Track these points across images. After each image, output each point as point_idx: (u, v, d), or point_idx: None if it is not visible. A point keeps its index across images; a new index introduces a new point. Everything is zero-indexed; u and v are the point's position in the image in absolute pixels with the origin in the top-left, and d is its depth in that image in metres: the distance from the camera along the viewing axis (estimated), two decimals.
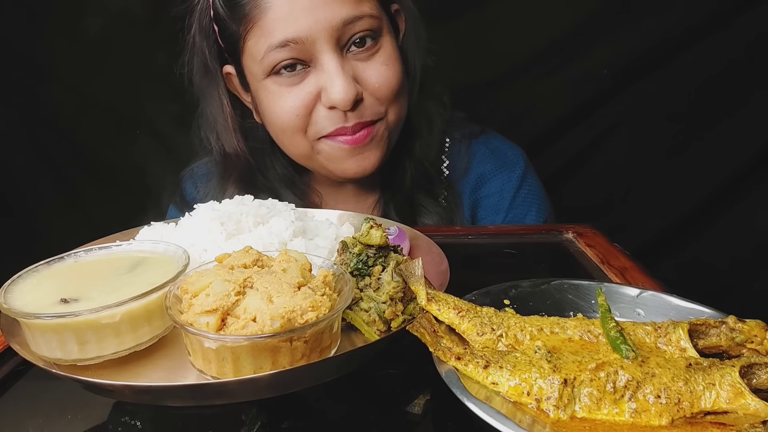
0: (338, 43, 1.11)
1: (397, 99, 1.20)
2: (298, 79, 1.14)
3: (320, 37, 1.09)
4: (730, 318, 0.68)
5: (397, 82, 1.18)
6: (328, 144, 1.19)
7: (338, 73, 1.10)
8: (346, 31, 1.11)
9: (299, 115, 1.15)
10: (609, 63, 1.73)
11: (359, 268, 0.75)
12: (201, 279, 0.66)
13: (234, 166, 1.31)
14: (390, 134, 1.23)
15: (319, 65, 1.12)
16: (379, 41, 1.16)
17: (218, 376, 0.62)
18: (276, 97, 1.17)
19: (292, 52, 1.10)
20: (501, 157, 1.41)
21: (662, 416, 0.56)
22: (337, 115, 1.14)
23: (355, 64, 1.14)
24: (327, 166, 1.24)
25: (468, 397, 0.57)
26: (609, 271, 1.01)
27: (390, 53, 1.17)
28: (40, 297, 0.69)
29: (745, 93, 1.71)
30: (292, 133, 1.19)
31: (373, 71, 1.15)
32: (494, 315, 0.70)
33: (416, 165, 1.33)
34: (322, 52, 1.10)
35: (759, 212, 1.77)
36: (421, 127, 1.33)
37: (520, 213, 1.38)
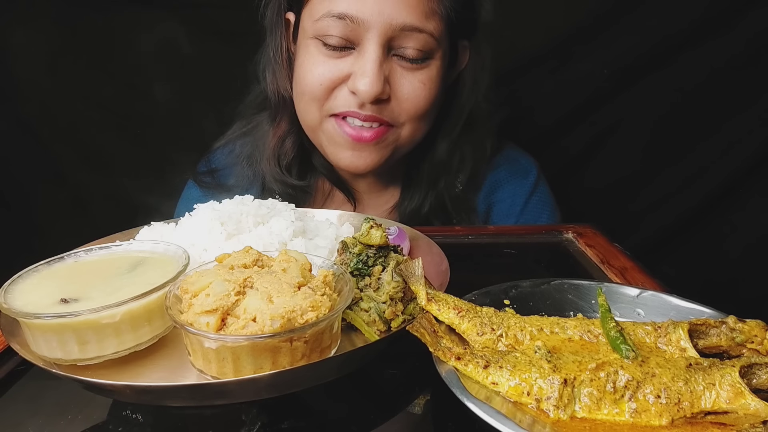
0: (389, 41, 1.12)
1: (419, 119, 1.21)
2: (338, 55, 1.15)
3: (375, 28, 1.10)
4: (730, 318, 0.68)
5: (425, 104, 1.19)
6: (333, 126, 1.20)
7: (373, 66, 1.11)
8: (401, 36, 1.12)
9: (323, 85, 1.17)
10: (609, 63, 1.73)
11: (359, 268, 0.75)
12: (201, 279, 0.66)
13: (285, 108, 1.32)
14: (398, 146, 1.24)
15: (362, 51, 1.13)
16: (428, 62, 1.17)
17: (218, 376, 0.62)
18: (311, 60, 1.18)
19: (345, 28, 1.11)
20: (514, 164, 1.44)
21: (662, 416, 0.57)
22: (355, 100, 1.15)
23: (395, 68, 1.15)
24: (325, 147, 1.25)
25: (468, 397, 0.57)
26: (609, 271, 1.01)
27: (433, 77, 1.18)
28: (40, 297, 0.69)
29: (745, 93, 1.71)
30: (310, 100, 1.20)
31: (409, 83, 1.16)
32: (494, 315, 0.70)
33: (437, 198, 1.35)
34: (369, 41, 1.11)
35: (759, 212, 1.76)
36: (452, 165, 1.34)
37: (530, 219, 1.41)
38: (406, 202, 1.35)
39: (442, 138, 1.32)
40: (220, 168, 1.43)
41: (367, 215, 0.90)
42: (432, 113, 1.23)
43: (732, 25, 1.65)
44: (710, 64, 1.70)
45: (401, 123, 1.20)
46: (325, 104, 1.19)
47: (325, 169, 1.36)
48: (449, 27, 1.18)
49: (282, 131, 1.34)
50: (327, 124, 1.21)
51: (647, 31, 1.69)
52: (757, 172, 1.75)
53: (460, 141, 1.33)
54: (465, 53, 1.29)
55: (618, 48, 1.72)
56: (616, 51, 1.72)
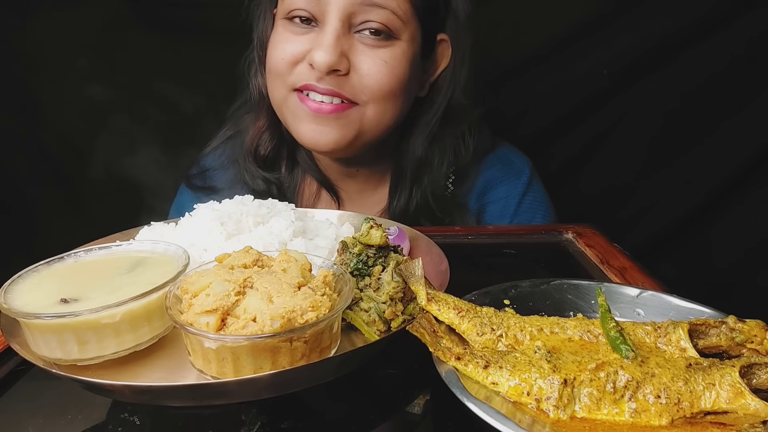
0: (349, 18, 1.13)
1: (384, 100, 1.19)
2: (302, 31, 1.17)
3: (334, 2, 1.11)
4: (730, 318, 0.68)
5: (388, 81, 1.17)
6: (295, 100, 1.21)
7: (330, 39, 1.12)
8: (361, 11, 1.12)
9: (285, 60, 1.19)
10: (609, 63, 1.73)
11: (359, 268, 0.75)
12: (201, 279, 0.66)
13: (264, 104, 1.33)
14: (363, 127, 1.22)
15: (322, 27, 1.14)
16: (392, 41, 1.17)
17: (218, 376, 0.62)
18: (279, 39, 1.21)
19: (308, 3, 1.14)
20: (507, 164, 1.43)
21: (662, 416, 0.57)
22: (313, 74, 1.16)
23: (357, 45, 1.16)
24: (289, 123, 1.25)
25: (468, 397, 0.57)
26: (609, 271, 1.01)
27: (396, 56, 1.17)
28: (40, 297, 0.69)
29: (745, 93, 1.71)
30: (275, 76, 1.22)
31: (369, 59, 1.16)
32: (494, 315, 0.70)
33: (422, 196, 1.34)
34: (329, 15, 1.13)
35: (759, 212, 1.76)
36: (434, 159, 1.33)
37: (525, 219, 1.40)
38: (395, 202, 1.35)
39: (420, 131, 1.31)
40: (209, 169, 1.44)
41: (367, 216, 0.90)
42: (400, 97, 1.21)
43: (732, 25, 1.66)
44: (710, 64, 1.70)
45: (364, 101, 1.19)
46: (287, 79, 1.20)
47: (310, 168, 1.37)
48: (418, 11, 1.17)
49: (261, 125, 1.35)
50: (290, 99, 1.22)
51: (647, 31, 1.69)
52: (756, 172, 1.75)
53: (439, 136, 1.32)
54: (445, 47, 1.28)
55: (618, 48, 1.72)
56: (616, 51, 1.72)
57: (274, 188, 1.36)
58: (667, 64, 1.71)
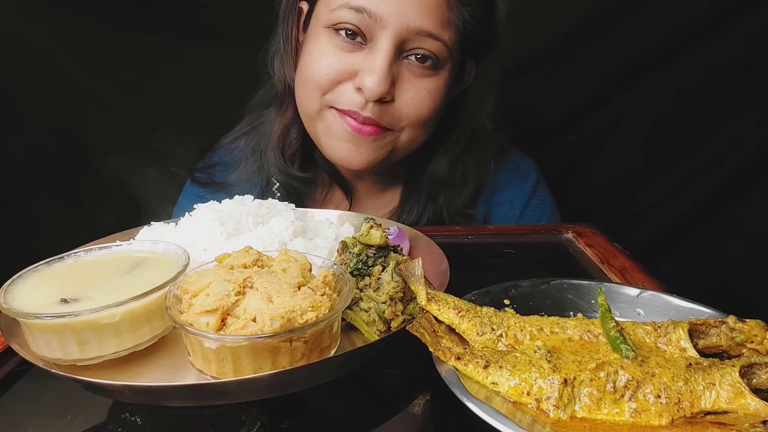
0: (403, 43, 1.12)
1: (419, 127, 1.20)
2: (349, 48, 1.14)
3: (391, 26, 1.09)
4: (730, 318, 0.68)
5: (428, 113, 1.18)
6: (335, 117, 1.19)
7: (383, 64, 1.10)
8: (414, 40, 1.11)
9: (329, 75, 1.15)
10: (609, 63, 1.73)
11: (359, 268, 0.75)
12: (201, 279, 0.66)
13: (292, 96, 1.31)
14: (395, 149, 1.23)
15: (374, 48, 1.12)
16: (438, 71, 1.17)
17: (218, 376, 0.62)
18: (321, 50, 1.17)
19: (361, 21, 1.11)
20: (514, 167, 1.44)
21: (662, 416, 0.56)
22: (359, 99, 1.14)
23: (404, 72, 1.15)
24: (321, 138, 1.23)
25: (468, 397, 0.57)
26: (609, 271, 1.01)
27: (439, 87, 1.18)
28: (40, 297, 0.69)
29: (745, 93, 1.71)
30: (313, 88, 1.19)
31: (415, 89, 1.15)
32: (494, 315, 0.70)
33: (435, 210, 1.35)
34: (382, 39, 1.10)
35: (758, 211, 1.77)
36: (455, 181, 1.34)
37: (530, 222, 1.40)
38: (405, 215, 1.35)
39: (443, 154, 1.32)
40: (220, 164, 1.42)
41: (367, 215, 0.90)
42: (433, 123, 1.23)
43: (732, 25, 1.66)
44: (710, 63, 1.70)
45: (400, 128, 1.19)
46: (328, 95, 1.18)
47: (327, 165, 1.35)
48: (462, 41, 1.17)
49: (287, 120, 1.33)
50: (327, 113, 1.20)
51: (647, 30, 1.69)
52: (757, 172, 1.75)
53: (463, 158, 1.33)
54: (471, 71, 1.29)
55: (618, 48, 1.72)
56: (616, 51, 1.72)
57: (299, 183, 1.35)
58: (666, 65, 1.72)
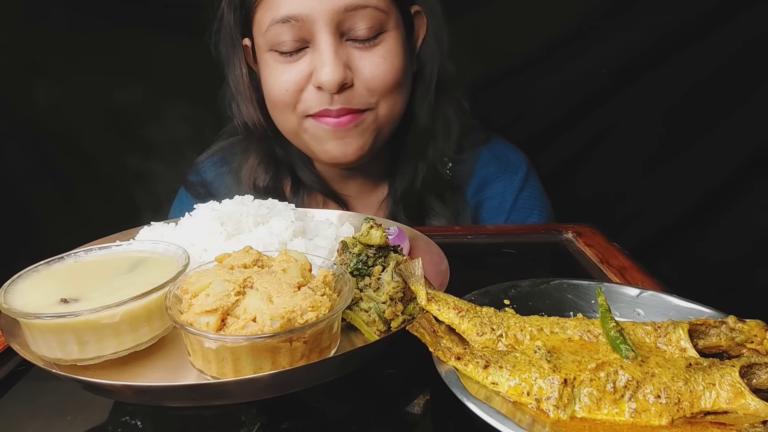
0: (338, 27, 1.13)
1: (392, 94, 1.20)
2: (295, 58, 1.17)
3: (320, 18, 1.11)
4: (730, 318, 0.68)
5: (392, 77, 1.18)
6: (313, 123, 1.21)
7: (330, 55, 1.12)
8: (347, 18, 1.12)
9: (289, 91, 1.18)
10: (608, 63, 1.73)
11: (359, 268, 0.75)
12: (201, 279, 0.66)
13: (253, 137, 1.34)
14: (380, 126, 1.23)
15: (315, 46, 1.14)
16: (382, 35, 1.17)
17: (218, 377, 0.62)
18: (273, 72, 1.20)
19: (293, 29, 1.13)
20: (504, 160, 1.43)
21: (662, 416, 0.56)
22: (324, 96, 1.16)
23: (352, 51, 1.16)
24: (311, 146, 1.26)
25: (468, 397, 0.57)
26: (608, 270, 1.01)
27: (391, 48, 1.18)
28: (40, 297, 0.69)
29: (744, 92, 1.71)
30: (283, 108, 1.22)
31: (369, 62, 1.16)
32: (494, 315, 0.70)
33: (429, 168, 1.34)
34: (320, 33, 1.12)
35: (758, 211, 1.76)
36: (437, 131, 1.34)
37: (521, 216, 1.40)
38: (397, 182, 1.35)
39: (419, 105, 1.31)
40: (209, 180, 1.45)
41: (367, 215, 0.90)
42: (404, 85, 1.23)
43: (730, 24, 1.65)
44: (709, 63, 1.70)
45: (374, 103, 1.20)
46: (298, 107, 1.20)
47: (314, 183, 1.37)
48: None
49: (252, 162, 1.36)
50: (306, 124, 1.22)
51: (646, 30, 1.69)
52: (755, 171, 1.75)
53: (438, 105, 1.32)
54: (420, 19, 1.28)
55: (617, 47, 1.72)
56: (615, 50, 1.72)
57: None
58: (665, 64, 1.71)
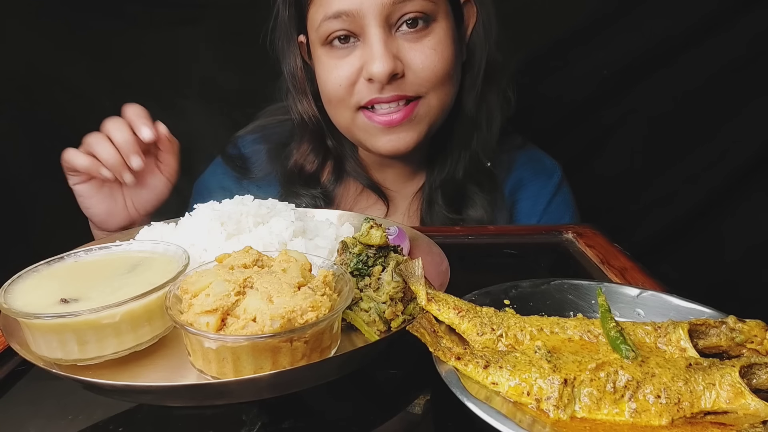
0: (387, 20, 1.14)
1: (443, 84, 1.21)
2: (347, 53, 1.19)
3: (370, 12, 1.12)
4: (730, 318, 0.68)
5: (442, 67, 1.19)
6: (364, 120, 1.23)
7: (379, 48, 1.13)
8: (396, 10, 1.13)
9: (342, 86, 1.20)
10: (609, 63, 1.73)
11: (359, 268, 0.75)
12: (201, 279, 0.66)
13: (308, 128, 1.37)
14: (431, 117, 1.24)
15: (366, 39, 1.16)
16: (431, 25, 1.18)
17: (218, 376, 0.62)
18: (326, 67, 1.22)
19: (344, 23, 1.15)
20: (539, 164, 1.46)
21: (662, 416, 0.56)
22: (374, 86, 1.17)
23: (402, 43, 1.17)
24: (363, 140, 1.28)
25: (468, 397, 0.57)
26: (609, 271, 1.01)
27: (441, 39, 1.19)
28: (40, 297, 0.69)
29: (745, 93, 1.71)
30: (336, 103, 1.24)
31: (419, 53, 1.17)
32: (494, 315, 0.70)
33: (471, 157, 1.35)
34: (369, 27, 1.14)
35: (759, 211, 1.76)
36: (482, 121, 1.34)
37: (553, 218, 1.41)
38: (437, 171, 1.36)
39: (467, 94, 1.32)
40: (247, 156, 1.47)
41: (367, 216, 0.90)
42: (454, 75, 1.24)
43: (732, 25, 1.65)
44: (711, 64, 1.70)
45: (425, 92, 1.21)
46: (350, 100, 1.22)
47: (357, 173, 1.40)
48: None
49: (304, 149, 1.40)
50: (358, 119, 1.24)
51: (648, 31, 1.69)
52: (757, 172, 1.75)
53: (484, 94, 1.33)
54: (470, 7, 1.29)
55: (618, 48, 1.72)
56: (617, 51, 1.72)
57: (320, 201, 1.39)
58: (667, 65, 1.71)
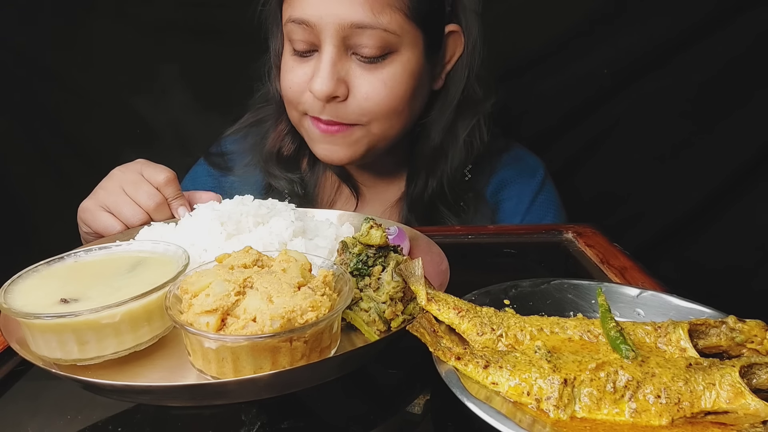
0: (344, 41, 1.13)
1: (387, 118, 1.19)
2: (305, 59, 1.19)
3: (327, 29, 1.11)
4: (730, 318, 0.68)
5: (388, 104, 1.17)
6: (309, 123, 1.24)
7: (326, 66, 1.13)
8: (354, 34, 1.11)
9: (292, 89, 1.22)
10: (609, 63, 1.73)
11: (359, 268, 0.75)
12: (201, 279, 0.66)
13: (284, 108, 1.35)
14: (370, 142, 1.23)
15: (320, 54, 1.15)
16: (390, 56, 1.15)
17: (218, 376, 0.62)
18: (286, 65, 1.24)
19: (304, 32, 1.14)
20: (522, 164, 1.45)
21: (662, 416, 0.56)
22: (317, 103, 1.18)
23: (354, 68, 1.15)
24: (307, 141, 1.30)
25: (468, 397, 0.57)
26: (609, 271, 1.01)
27: (395, 73, 1.16)
28: (40, 297, 0.69)
29: (745, 93, 1.71)
30: (288, 102, 1.26)
31: (367, 83, 1.15)
32: (494, 315, 0.70)
33: (438, 184, 1.34)
34: (325, 42, 1.13)
35: (759, 212, 1.76)
36: (449, 151, 1.33)
37: (536, 218, 1.41)
38: (411, 188, 1.37)
39: (434, 124, 1.31)
40: (229, 153, 1.48)
41: (366, 215, 0.90)
42: (405, 110, 1.22)
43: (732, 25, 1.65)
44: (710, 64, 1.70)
45: (365, 122, 1.19)
46: (298, 106, 1.23)
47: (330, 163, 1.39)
48: (416, 17, 1.15)
49: (282, 128, 1.39)
50: (304, 121, 1.25)
51: (648, 31, 1.69)
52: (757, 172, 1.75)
53: (453, 128, 1.32)
54: (456, 37, 1.26)
55: (618, 48, 1.72)
56: (617, 51, 1.72)
57: (297, 186, 1.39)
58: (667, 65, 1.71)
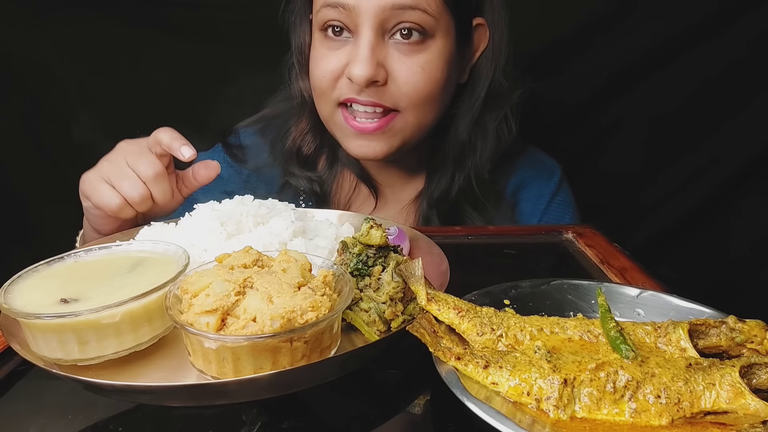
0: (382, 24, 1.12)
1: (424, 104, 1.20)
2: (339, 45, 1.18)
3: (365, 12, 1.11)
4: (730, 318, 0.68)
5: (425, 88, 1.17)
6: (341, 118, 1.23)
7: (365, 50, 1.12)
8: (392, 16, 1.11)
9: (326, 78, 1.19)
10: (609, 63, 1.73)
11: (359, 268, 0.75)
12: (201, 279, 0.66)
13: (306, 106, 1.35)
14: (406, 133, 1.23)
15: (357, 38, 1.14)
16: (427, 41, 1.15)
17: (218, 377, 0.62)
18: (317, 54, 1.22)
19: (340, 15, 1.13)
20: (540, 165, 1.46)
21: (662, 416, 0.57)
22: (353, 87, 1.16)
23: (392, 52, 1.15)
24: (338, 137, 1.28)
25: (468, 397, 0.57)
26: (609, 271, 1.01)
27: (432, 58, 1.16)
28: (40, 297, 0.69)
29: (746, 94, 1.71)
30: (320, 94, 1.24)
31: (406, 67, 1.15)
32: (494, 315, 0.70)
33: (465, 180, 1.34)
34: (363, 27, 1.12)
35: (759, 212, 1.76)
36: (477, 143, 1.32)
37: (553, 218, 1.41)
38: (433, 186, 1.35)
39: (462, 117, 1.31)
40: (246, 146, 1.47)
41: (366, 216, 0.90)
42: (439, 98, 1.22)
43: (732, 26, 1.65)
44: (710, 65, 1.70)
45: (403, 107, 1.19)
46: (331, 95, 1.21)
47: (350, 162, 1.39)
48: (449, 3, 1.16)
49: (303, 127, 1.38)
50: (336, 115, 1.23)
51: (647, 32, 1.69)
52: (757, 173, 1.75)
53: (481, 121, 1.32)
54: (482, 31, 1.27)
55: (618, 49, 1.72)
56: (616, 52, 1.72)
57: (317, 186, 1.39)
58: (667, 66, 1.71)
